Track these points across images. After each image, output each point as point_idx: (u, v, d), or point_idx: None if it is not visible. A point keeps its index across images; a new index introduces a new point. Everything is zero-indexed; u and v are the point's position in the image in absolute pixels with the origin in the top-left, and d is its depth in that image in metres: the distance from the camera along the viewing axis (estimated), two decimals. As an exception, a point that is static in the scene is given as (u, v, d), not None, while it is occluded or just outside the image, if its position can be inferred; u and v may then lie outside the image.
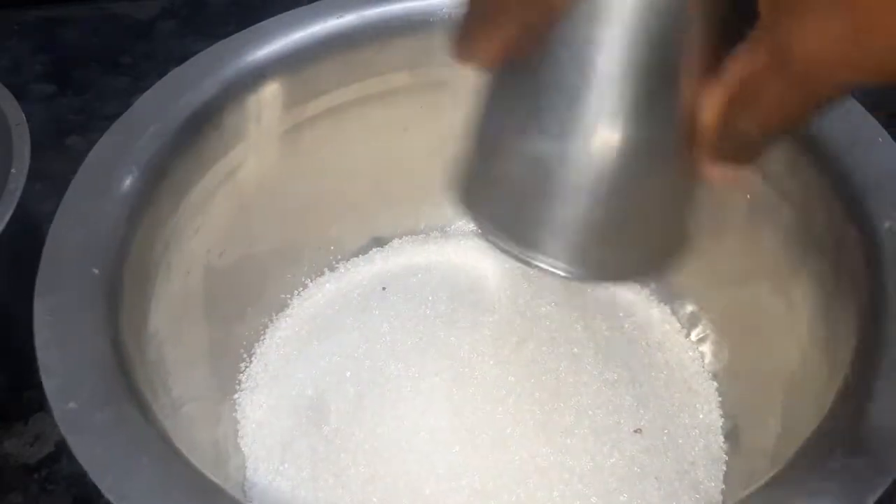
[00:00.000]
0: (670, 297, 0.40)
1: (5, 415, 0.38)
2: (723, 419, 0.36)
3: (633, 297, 0.40)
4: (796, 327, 0.32)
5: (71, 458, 0.35)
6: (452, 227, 0.43)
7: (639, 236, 0.22)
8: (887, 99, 0.51)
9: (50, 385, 0.25)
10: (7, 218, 0.33)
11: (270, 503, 0.33)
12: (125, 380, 0.26)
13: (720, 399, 0.36)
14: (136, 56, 0.55)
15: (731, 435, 0.35)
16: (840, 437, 0.24)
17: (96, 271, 0.28)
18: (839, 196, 0.30)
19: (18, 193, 0.33)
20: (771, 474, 0.24)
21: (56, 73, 0.54)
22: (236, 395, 0.36)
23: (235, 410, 0.36)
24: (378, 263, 0.41)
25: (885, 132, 0.31)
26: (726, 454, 0.34)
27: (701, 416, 0.36)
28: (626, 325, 0.38)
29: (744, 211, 0.35)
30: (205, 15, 0.59)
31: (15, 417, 0.38)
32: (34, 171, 0.35)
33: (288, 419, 0.35)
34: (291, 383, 0.36)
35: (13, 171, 0.34)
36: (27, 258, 0.29)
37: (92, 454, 0.24)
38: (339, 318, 0.38)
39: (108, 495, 0.23)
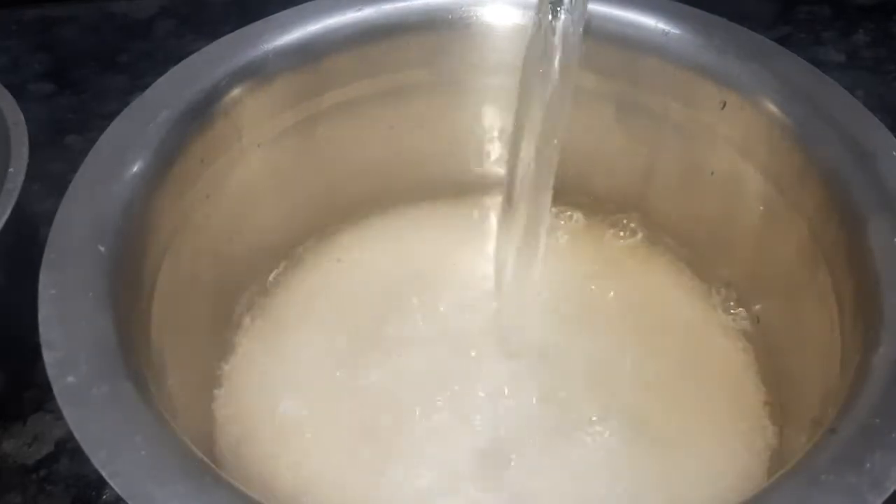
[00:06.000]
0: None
1: (4, 415, 0.37)
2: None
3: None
4: (804, 343, 0.32)
5: (70, 458, 0.36)
6: (465, 225, 0.43)
7: None
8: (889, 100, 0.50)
9: (50, 358, 0.25)
10: (5, 217, 0.33)
11: (257, 486, 0.33)
12: (125, 358, 0.26)
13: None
14: (134, 55, 0.55)
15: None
16: (837, 452, 0.24)
17: (102, 249, 0.28)
18: (850, 209, 0.30)
19: (17, 193, 0.33)
20: (764, 486, 0.24)
21: (54, 72, 0.54)
22: (233, 379, 0.36)
23: (231, 394, 0.36)
24: (384, 258, 0.41)
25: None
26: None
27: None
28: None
29: (757, 223, 0.35)
30: (204, 14, 0.58)
31: (14, 417, 0.37)
32: (32, 171, 0.34)
33: (278, 404, 0.35)
34: (282, 369, 0.36)
35: (11, 170, 0.34)
36: (25, 258, 0.29)
37: (87, 429, 0.24)
38: (334, 307, 0.38)
39: (101, 470, 0.24)
